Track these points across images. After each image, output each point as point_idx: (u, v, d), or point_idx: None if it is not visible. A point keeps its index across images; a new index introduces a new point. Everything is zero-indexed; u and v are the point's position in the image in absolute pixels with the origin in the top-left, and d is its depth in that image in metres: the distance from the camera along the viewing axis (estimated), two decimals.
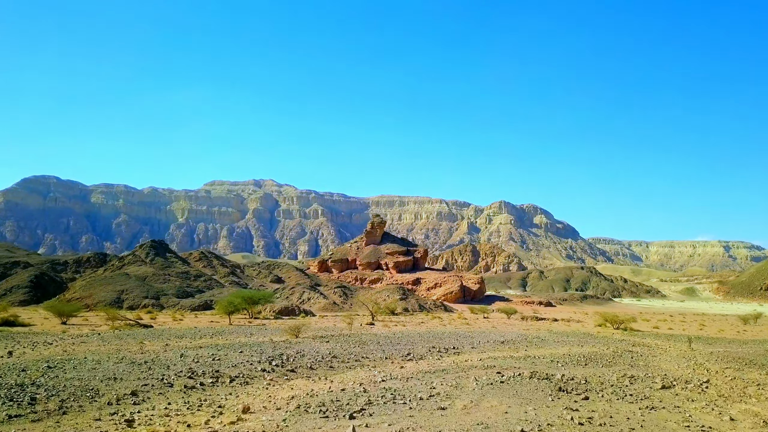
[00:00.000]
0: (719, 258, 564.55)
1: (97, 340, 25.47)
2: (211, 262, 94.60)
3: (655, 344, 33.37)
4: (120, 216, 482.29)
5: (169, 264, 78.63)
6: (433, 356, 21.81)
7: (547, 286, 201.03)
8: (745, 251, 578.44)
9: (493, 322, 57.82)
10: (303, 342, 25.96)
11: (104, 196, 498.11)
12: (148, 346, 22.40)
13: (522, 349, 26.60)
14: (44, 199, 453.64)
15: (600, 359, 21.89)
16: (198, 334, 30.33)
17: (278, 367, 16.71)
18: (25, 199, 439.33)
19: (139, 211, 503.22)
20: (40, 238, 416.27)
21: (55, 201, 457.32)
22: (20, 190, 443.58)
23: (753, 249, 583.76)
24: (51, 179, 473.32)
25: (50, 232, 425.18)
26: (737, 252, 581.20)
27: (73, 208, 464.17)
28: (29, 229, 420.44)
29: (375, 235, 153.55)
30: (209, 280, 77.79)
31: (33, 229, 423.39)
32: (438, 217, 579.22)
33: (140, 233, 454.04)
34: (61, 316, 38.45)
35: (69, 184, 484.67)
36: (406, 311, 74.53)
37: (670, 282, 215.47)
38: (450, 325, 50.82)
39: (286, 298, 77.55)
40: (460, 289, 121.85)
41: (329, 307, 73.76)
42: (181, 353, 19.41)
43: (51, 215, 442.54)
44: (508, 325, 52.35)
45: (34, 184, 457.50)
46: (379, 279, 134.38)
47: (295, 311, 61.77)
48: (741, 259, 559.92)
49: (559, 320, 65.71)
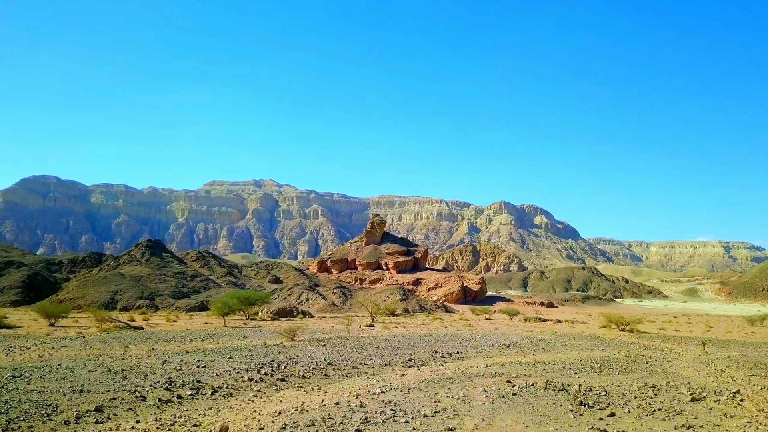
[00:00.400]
0: (720, 258, 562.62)
1: (80, 343, 24.06)
2: (208, 262, 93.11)
3: (667, 348, 31.94)
4: (120, 216, 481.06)
5: (165, 264, 77.13)
6: (436, 362, 20.39)
7: (548, 286, 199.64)
8: (745, 252, 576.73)
9: (496, 324, 56.43)
10: (298, 346, 24.54)
11: (104, 196, 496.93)
12: (132, 351, 20.98)
13: (529, 354, 25.17)
14: (44, 199, 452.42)
15: (614, 365, 20.46)
16: (189, 337, 28.92)
17: (267, 375, 15.24)
18: (24, 199, 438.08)
19: (138, 211, 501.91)
20: (39, 238, 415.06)
21: (55, 201, 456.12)
22: (20, 190, 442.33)
23: (753, 249, 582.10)
24: (51, 179, 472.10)
25: (50, 233, 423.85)
26: (738, 252, 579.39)
27: (73, 208, 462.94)
28: (29, 229, 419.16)
29: (375, 235, 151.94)
30: (206, 280, 76.33)
31: (33, 230, 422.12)
32: (438, 217, 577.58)
33: (140, 233, 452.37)
34: (49, 318, 37.02)
35: (69, 184, 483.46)
36: (407, 312, 73.02)
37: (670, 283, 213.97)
38: (451, 326, 49.41)
39: (284, 298, 75.98)
40: (461, 290, 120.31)
41: (328, 308, 72.21)
42: (165, 359, 17.98)
43: (51, 215, 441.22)
44: (511, 327, 50.95)
45: (33, 184, 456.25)
46: (379, 279, 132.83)
47: (293, 312, 60.29)
48: (741, 259, 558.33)
49: (563, 321, 64.31)
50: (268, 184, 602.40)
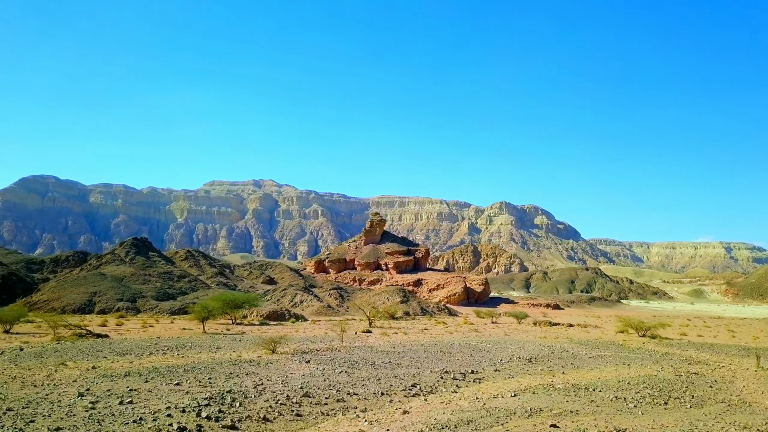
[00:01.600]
0: (721, 259, 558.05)
1: (12, 357, 19.70)
2: (198, 261, 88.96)
3: (712, 360, 27.52)
4: (119, 216, 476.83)
5: (151, 263, 72.80)
6: (447, 387, 16.00)
7: (551, 287, 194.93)
8: (746, 252, 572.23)
9: (504, 328, 52.08)
10: (276, 362, 20.14)
11: (103, 196, 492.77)
12: (62, 372, 16.60)
13: (558, 371, 20.79)
14: (42, 199, 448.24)
15: (675, 391, 16.09)
16: (152, 348, 24.55)
17: (211, 420, 10.72)
18: (23, 199, 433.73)
19: (138, 211, 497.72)
20: (38, 238, 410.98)
21: (54, 201, 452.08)
22: (18, 189, 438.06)
23: (755, 250, 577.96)
24: (49, 179, 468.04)
25: (48, 232, 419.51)
26: (739, 253, 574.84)
27: (72, 208, 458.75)
28: (27, 229, 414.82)
29: (374, 234, 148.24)
30: (194, 281, 72.07)
31: (31, 229, 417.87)
32: (438, 217, 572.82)
33: (139, 233, 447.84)
34: (3, 324, 32.67)
35: (68, 184, 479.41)
36: (407, 315, 69.13)
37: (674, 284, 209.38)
38: (457, 332, 45.05)
39: (276, 300, 71.84)
40: (464, 291, 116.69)
41: (323, 310, 68.10)
42: (88, 388, 13.61)
43: (49, 215, 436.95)
44: (522, 332, 46.58)
45: (32, 184, 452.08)
46: (378, 280, 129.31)
47: (284, 315, 56.00)
48: (742, 260, 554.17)
49: (575, 326, 59.97)
50: (267, 184, 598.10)
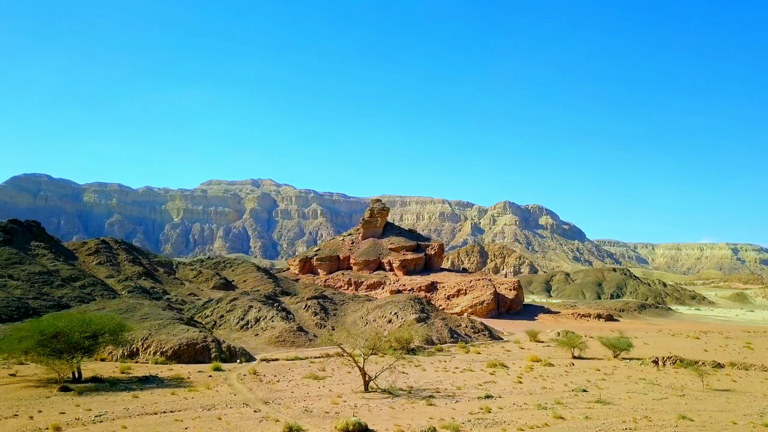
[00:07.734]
0: (728, 261, 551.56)
1: None
2: (115, 256, 71.87)
3: None
4: (113, 216, 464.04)
5: (27, 257, 55.27)
6: None
7: (576, 290, 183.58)
8: (753, 254, 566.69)
9: (608, 379, 34.33)
10: None
11: (97, 196, 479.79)
12: None
13: None
14: (34, 198, 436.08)
15: None
16: None
17: None
18: (14, 198, 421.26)
19: (132, 211, 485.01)
20: None
21: (46, 200, 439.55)
22: (9, 188, 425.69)
23: (762, 252, 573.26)
24: (42, 177, 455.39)
25: None
26: (746, 255, 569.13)
27: (65, 207, 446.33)
28: None
29: (375, 226, 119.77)
30: (92, 285, 55.14)
31: None
32: (441, 217, 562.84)
33: (134, 233, 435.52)
34: None
35: (61, 183, 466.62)
36: (429, 344, 49.28)
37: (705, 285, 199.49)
38: (546, 394, 28.76)
39: (216, 318, 51.31)
40: (494, 299, 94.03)
41: (289, 336, 46.51)
42: None
43: (41, 214, 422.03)
44: (661, 390, 30.79)
45: (24, 183, 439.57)
46: (380, 283, 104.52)
47: (209, 352, 36.24)
48: (750, 261, 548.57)
49: (724, 366, 41.97)
50: (266, 184, 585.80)
